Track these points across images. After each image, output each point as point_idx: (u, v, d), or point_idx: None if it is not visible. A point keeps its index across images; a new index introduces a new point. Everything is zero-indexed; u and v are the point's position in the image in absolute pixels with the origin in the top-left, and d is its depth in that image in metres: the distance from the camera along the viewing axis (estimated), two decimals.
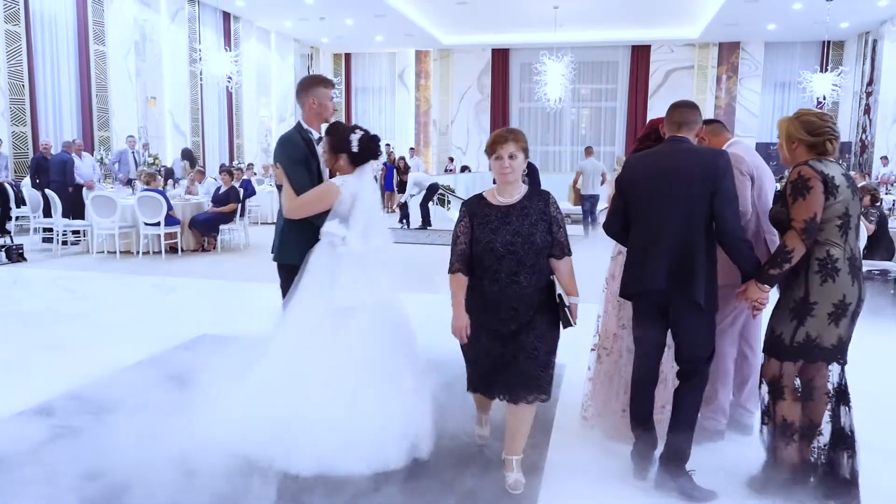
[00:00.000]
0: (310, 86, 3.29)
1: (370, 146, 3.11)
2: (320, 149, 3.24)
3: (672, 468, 2.73)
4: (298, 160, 3.17)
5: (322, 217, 3.05)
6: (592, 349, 3.43)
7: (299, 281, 3.08)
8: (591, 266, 3.55)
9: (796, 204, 2.56)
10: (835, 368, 2.66)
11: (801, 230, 2.54)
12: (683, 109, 2.84)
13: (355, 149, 3.06)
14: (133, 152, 12.55)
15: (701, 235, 2.65)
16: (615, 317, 3.31)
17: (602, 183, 11.90)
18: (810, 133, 2.64)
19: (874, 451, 3.01)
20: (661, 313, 2.78)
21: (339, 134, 3.09)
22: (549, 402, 3.70)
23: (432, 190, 12.23)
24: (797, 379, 2.69)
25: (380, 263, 3.10)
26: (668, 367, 3.13)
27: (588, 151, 12.15)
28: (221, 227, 9.54)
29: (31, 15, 11.86)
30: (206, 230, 9.34)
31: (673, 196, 2.68)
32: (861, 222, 6.63)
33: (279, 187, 3.23)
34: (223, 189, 9.70)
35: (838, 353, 2.63)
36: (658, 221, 2.71)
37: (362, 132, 3.11)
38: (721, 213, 2.64)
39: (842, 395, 2.67)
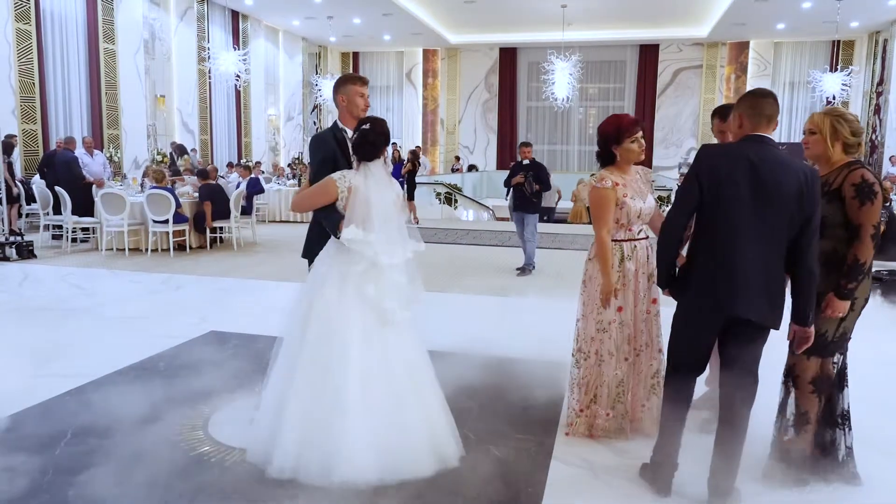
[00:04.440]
0: (340, 84, 3.30)
1: (363, 140, 2.96)
2: None
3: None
4: (326, 159, 3.13)
5: (328, 216, 2.96)
6: (572, 355, 3.33)
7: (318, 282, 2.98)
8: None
9: (864, 208, 2.62)
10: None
11: (872, 236, 2.60)
12: (773, 101, 2.57)
13: (355, 139, 2.99)
14: None
15: (783, 258, 2.50)
16: (593, 320, 3.21)
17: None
18: (853, 134, 2.73)
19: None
20: (721, 326, 2.58)
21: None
22: (555, 402, 3.72)
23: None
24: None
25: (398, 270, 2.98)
26: (647, 365, 3.24)
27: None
28: (219, 224, 9.59)
29: (42, 13, 11.92)
30: (197, 226, 9.40)
31: (767, 213, 2.45)
32: None
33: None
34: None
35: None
36: (747, 236, 2.47)
37: (367, 125, 2.99)
38: (808, 246, 2.47)
39: (843, 378, 2.82)
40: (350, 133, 3.17)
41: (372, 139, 2.95)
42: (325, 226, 3.02)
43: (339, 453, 2.69)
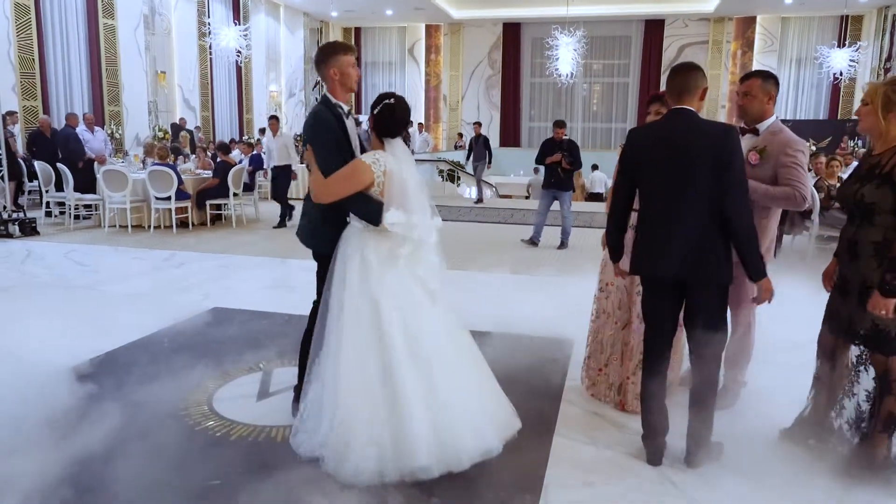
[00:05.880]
0: (329, 55, 2.98)
1: (390, 115, 2.78)
2: (350, 123, 3.01)
3: (701, 457, 2.74)
4: (330, 143, 2.89)
5: (366, 204, 2.76)
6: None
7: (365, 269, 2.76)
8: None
9: None
10: None
11: None
12: (684, 74, 2.69)
13: (376, 111, 2.79)
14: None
15: (715, 214, 2.56)
16: (599, 279, 3.45)
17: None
18: None
19: None
20: (675, 290, 2.71)
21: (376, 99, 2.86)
22: (558, 378, 3.74)
23: None
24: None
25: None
26: (637, 340, 3.22)
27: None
28: (221, 201, 9.61)
29: None
30: (198, 202, 9.42)
31: (683, 176, 2.57)
32: None
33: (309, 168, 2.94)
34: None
35: None
36: (669, 203, 2.62)
37: (391, 100, 2.80)
38: (725, 195, 2.52)
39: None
40: (346, 109, 3.02)
41: (400, 115, 2.81)
42: (360, 215, 2.78)
43: (465, 436, 2.64)
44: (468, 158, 13.57)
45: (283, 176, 9.72)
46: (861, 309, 2.60)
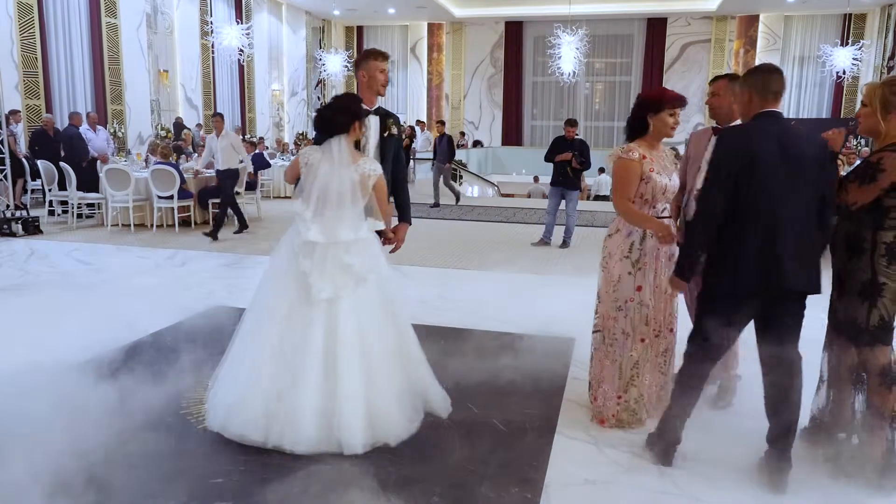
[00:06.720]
0: (362, 59, 3.33)
1: (318, 115, 3.07)
2: (367, 122, 3.24)
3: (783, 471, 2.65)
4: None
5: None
6: (594, 331, 3.23)
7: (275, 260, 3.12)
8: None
9: (852, 185, 2.54)
10: None
11: (841, 209, 2.56)
12: (780, 77, 2.57)
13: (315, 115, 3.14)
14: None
15: (815, 223, 2.57)
16: (611, 299, 3.09)
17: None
18: None
19: None
20: (753, 311, 2.63)
21: None
22: (560, 376, 3.74)
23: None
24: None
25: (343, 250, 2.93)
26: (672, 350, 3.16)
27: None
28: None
29: None
30: (200, 201, 9.43)
31: (803, 184, 2.49)
32: None
33: None
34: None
35: None
36: (793, 212, 2.49)
37: (332, 99, 3.09)
38: (830, 207, 2.58)
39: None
40: (369, 109, 3.25)
41: (326, 115, 2.99)
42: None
43: (247, 419, 2.85)
44: (433, 160, 12.62)
45: (229, 180, 8.52)
46: (837, 298, 2.69)
